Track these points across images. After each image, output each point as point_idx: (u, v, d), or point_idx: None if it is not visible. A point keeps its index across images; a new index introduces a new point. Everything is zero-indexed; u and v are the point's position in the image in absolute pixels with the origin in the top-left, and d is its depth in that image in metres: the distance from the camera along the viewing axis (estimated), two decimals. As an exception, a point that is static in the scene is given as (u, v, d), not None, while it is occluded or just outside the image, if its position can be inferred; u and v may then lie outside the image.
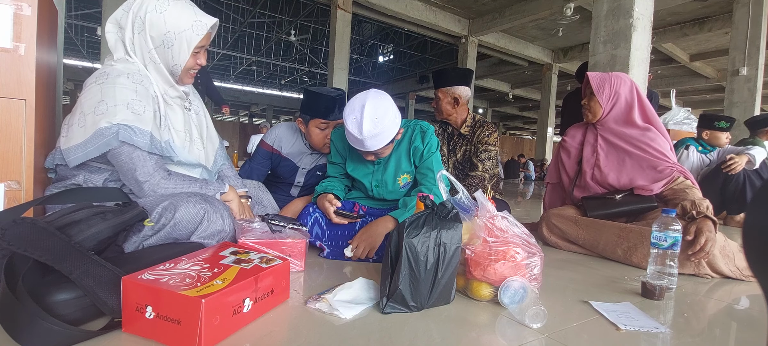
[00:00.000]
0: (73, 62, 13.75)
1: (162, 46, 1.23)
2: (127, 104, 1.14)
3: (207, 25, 1.27)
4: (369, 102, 1.33)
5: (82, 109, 1.15)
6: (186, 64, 1.28)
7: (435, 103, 2.17)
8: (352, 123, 1.34)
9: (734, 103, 5.67)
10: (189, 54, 1.26)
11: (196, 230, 1.18)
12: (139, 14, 1.21)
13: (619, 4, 3.47)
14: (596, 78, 1.86)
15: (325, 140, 1.73)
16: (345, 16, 7.34)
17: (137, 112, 1.16)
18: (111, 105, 1.13)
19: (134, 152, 1.16)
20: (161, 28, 1.21)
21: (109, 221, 0.99)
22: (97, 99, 1.13)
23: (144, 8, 1.20)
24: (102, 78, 1.16)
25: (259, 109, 21.52)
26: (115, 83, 1.15)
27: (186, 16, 1.23)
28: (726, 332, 1.06)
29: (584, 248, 1.85)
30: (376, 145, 1.37)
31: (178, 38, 1.23)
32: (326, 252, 1.53)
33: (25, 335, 0.72)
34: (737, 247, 1.57)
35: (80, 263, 0.83)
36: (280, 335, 0.87)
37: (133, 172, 1.17)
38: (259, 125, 11.78)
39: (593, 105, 1.87)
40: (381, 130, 1.34)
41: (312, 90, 1.69)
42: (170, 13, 1.21)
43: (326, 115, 1.67)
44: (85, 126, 1.13)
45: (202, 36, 1.26)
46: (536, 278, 1.10)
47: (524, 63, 11.10)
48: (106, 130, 1.11)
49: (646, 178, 1.77)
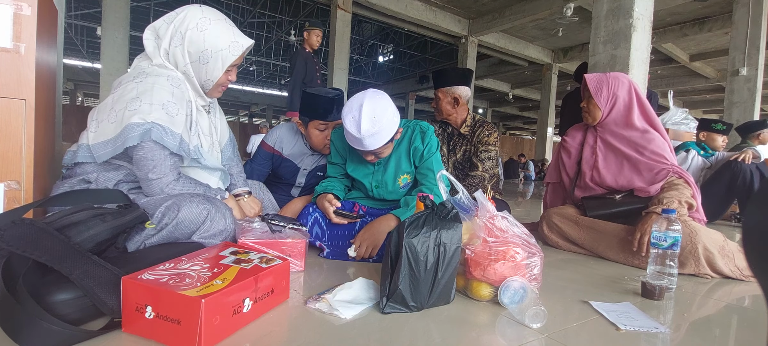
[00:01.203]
0: (73, 62, 13.76)
1: (198, 61, 1.28)
2: (163, 105, 1.17)
3: (243, 46, 1.32)
4: (367, 101, 1.33)
5: (113, 106, 1.18)
6: (218, 80, 1.33)
7: (435, 103, 2.17)
8: (350, 122, 1.34)
9: (734, 104, 5.67)
10: (222, 72, 1.31)
11: (198, 229, 1.19)
12: (180, 29, 1.25)
13: (619, 4, 3.47)
14: (594, 80, 1.85)
15: (325, 141, 1.73)
16: (345, 16, 7.35)
17: (171, 113, 1.19)
18: (146, 103, 1.15)
19: (157, 150, 1.18)
20: (200, 46, 1.26)
21: (108, 223, 0.99)
22: (133, 96, 1.16)
23: (185, 24, 1.24)
24: (141, 76, 1.20)
25: (259, 109, 21.52)
26: (155, 83, 1.18)
27: (225, 37, 1.28)
28: (726, 332, 1.06)
29: (584, 248, 1.85)
30: (374, 145, 1.37)
31: (213, 56, 1.27)
32: (326, 252, 1.53)
33: (24, 335, 0.72)
34: (737, 247, 1.57)
35: (80, 264, 0.83)
36: (280, 335, 0.87)
37: (149, 169, 1.19)
38: (259, 125, 11.77)
39: (592, 108, 1.87)
40: (379, 129, 1.33)
41: (310, 92, 1.68)
42: (211, 32, 1.25)
43: (325, 116, 1.67)
44: (116, 122, 1.16)
45: (238, 56, 1.31)
46: (536, 278, 1.10)
47: (524, 63, 11.10)
48: (137, 126, 1.14)
49: (643, 180, 1.78)
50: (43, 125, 1.28)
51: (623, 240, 1.69)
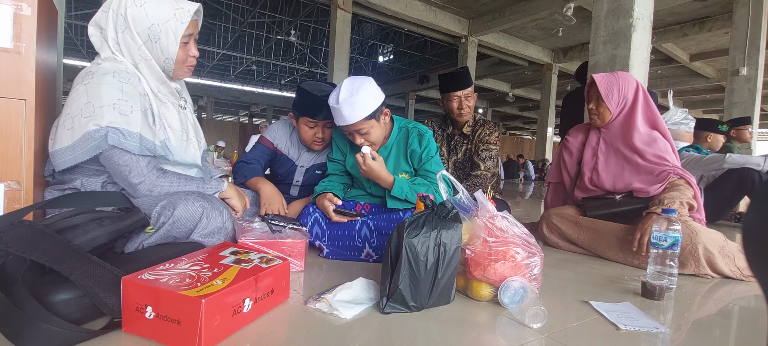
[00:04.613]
0: (73, 62, 13.75)
1: (149, 40, 1.19)
2: (114, 105, 1.11)
3: (190, 12, 1.21)
4: (348, 78, 1.45)
5: (68, 111, 1.12)
6: (177, 57, 1.23)
7: (456, 104, 2.09)
8: (331, 97, 1.45)
9: (734, 103, 5.66)
10: (177, 45, 1.21)
11: (195, 227, 1.18)
12: (120, 12, 1.16)
13: (619, 4, 3.47)
14: (604, 82, 1.81)
15: (314, 138, 1.73)
16: (345, 16, 7.34)
17: (124, 113, 1.12)
18: (97, 106, 1.10)
19: (124, 155, 1.13)
20: (145, 22, 1.17)
21: (105, 228, 0.98)
22: (83, 100, 1.11)
23: (123, 5, 1.16)
24: (87, 78, 1.13)
25: (259, 109, 21.50)
26: (101, 83, 1.11)
27: (167, 6, 1.19)
28: (726, 332, 1.06)
29: (584, 248, 1.85)
30: (352, 116, 1.41)
31: (163, 30, 1.18)
32: (326, 252, 1.53)
33: (24, 337, 0.71)
34: (737, 247, 1.57)
35: (80, 264, 0.83)
36: (280, 335, 0.87)
37: (127, 175, 1.15)
38: (258, 125, 11.73)
39: (602, 110, 1.83)
40: (356, 100, 1.40)
41: (303, 88, 1.68)
42: (150, 4, 1.17)
43: (314, 114, 1.66)
44: (73, 129, 1.11)
45: (188, 23, 1.21)
46: (536, 278, 1.10)
47: (524, 63, 11.10)
48: (94, 133, 1.09)
49: (643, 181, 1.77)
50: (43, 125, 1.28)
51: (623, 240, 1.69)
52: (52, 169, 1.21)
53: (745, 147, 4.06)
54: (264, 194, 1.64)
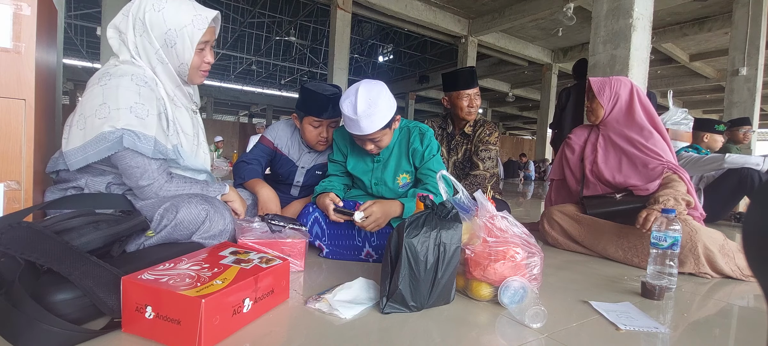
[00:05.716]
0: (73, 62, 13.75)
1: (166, 45, 1.20)
2: (130, 108, 1.11)
3: (208, 19, 1.23)
4: (363, 86, 1.38)
5: (82, 112, 1.13)
6: (192, 63, 1.24)
7: (465, 102, 2.08)
8: (347, 106, 1.37)
9: (734, 103, 5.66)
10: (193, 51, 1.23)
11: (197, 230, 1.18)
12: (139, 16, 1.18)
13: (619, 4, 3.47)
14: (597, 82, 1.95)
15: (319, 138, 1.72)
16: (345, 16, 7.34)
17: (140, 116, 1.13)
18: (113, 108, 1.10)
19: (137, 157, 1.14)
20: (162, 27, 1.19)
21: (101, 232, 0.97)
22: (99, 101, 1.11)
23: (142, 9, 1.18)
24: (105, 79, 1.14)
25: (258, 109, 21.50)
26: (119, 85, 1.12)
27: (185, 12, 1.20)
28: (726, 332, 1.06)
29: (584, 247, 1.86)
30: (370, 127, 1.38)
31: (179, 35, 1.20)
32: (326, 252, 1.53)
33: (23, 338, 0.71)
34: (737, 246, 1.57)
35: (79, 264, 0.83)
36: (280, 335, 0.87)
37: (138, 177, 1.16)
38: (256, 125, 11.68)
39: (595, 107, 1.94)
40: (375, 111, 1.36)
41: (308, 87, 1.68)
42: (168, 10, 1.18)
43: (319, 113, 1.66)
44: (85, 129, 1.11)
45: (204, 30, 1.23)
46: (536, 278, 1.10)
47: (524, 63, 11.10)
48: (109, 134, 1.09)
49: (640, 176, 1.80)
50: (43, 125, 1.28)
51: (623, 237, 1.70)
52: (57, 170, 1.21)
53: (745, 147, 4.06)
54: (261, 197, 1.64)
